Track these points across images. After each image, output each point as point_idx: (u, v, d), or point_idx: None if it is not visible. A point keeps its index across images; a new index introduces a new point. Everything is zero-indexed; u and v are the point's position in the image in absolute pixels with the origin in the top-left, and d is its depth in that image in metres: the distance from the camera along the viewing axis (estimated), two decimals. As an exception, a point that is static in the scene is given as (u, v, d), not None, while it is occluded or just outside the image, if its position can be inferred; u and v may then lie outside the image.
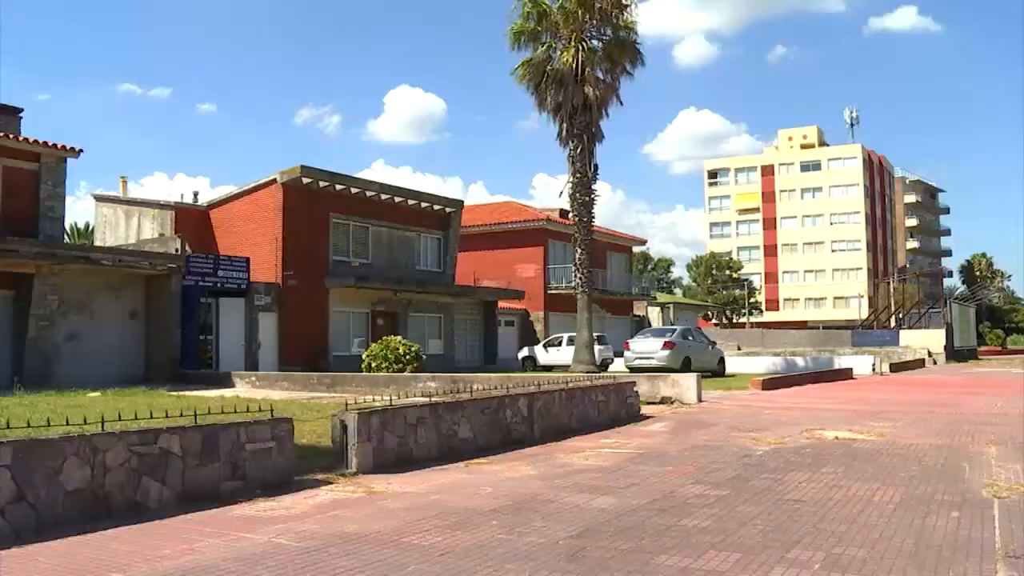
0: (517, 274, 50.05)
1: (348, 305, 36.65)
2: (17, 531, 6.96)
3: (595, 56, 32.77)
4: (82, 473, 7.54)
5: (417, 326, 39.56)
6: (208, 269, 30.46)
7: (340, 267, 36.23)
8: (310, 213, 34.92)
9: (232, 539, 6.97)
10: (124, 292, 28.77)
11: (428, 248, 42.20)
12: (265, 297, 32.65)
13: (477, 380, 19.45)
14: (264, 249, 33.87)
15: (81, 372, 24.75)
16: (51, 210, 27.35)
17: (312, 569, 6.04)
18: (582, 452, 12.38)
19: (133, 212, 39.53)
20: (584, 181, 32.57)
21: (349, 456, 10.18)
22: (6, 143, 26.38)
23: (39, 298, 25.21)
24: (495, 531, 7.18)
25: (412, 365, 27.33)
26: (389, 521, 7.61)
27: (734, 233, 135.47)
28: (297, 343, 33.34)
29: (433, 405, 11.80)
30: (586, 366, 30.66)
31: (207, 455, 8.57)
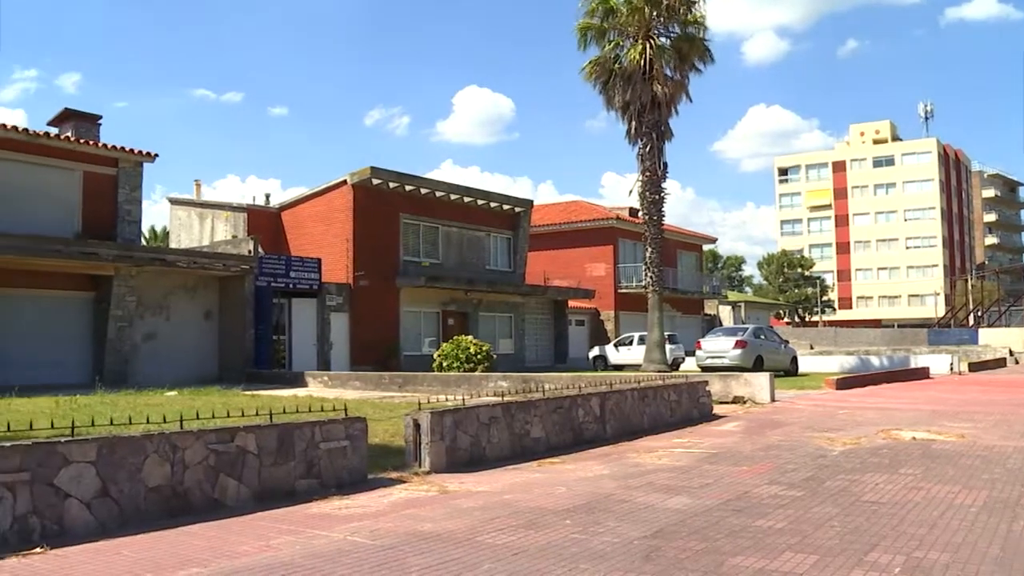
0: (587, 273, 49.93)
1: (419, 305, 36.86)
2: (102, 524, 7.15)
3: (663, 53, 32.56)
4: (162, 470, 7.68)
5: (487, 326, 39.66)
6: (280, 270, 30.84)
7: (411, 267, 36.44)
8: (380, 214, 35.17)
9: (308, 537, 7.03)
10: (199, 293, 29.27)
11: (498, 248, 42.28)
12: (337, 297, 32.96)
13: (548, 379, 19.43)
14: (335, 250, 34.20)
15: (158, 371, 25.22)
16: (129, 213, 27.91)
17: (387, 567, 6.07)
18: (655, 452, 12.30)
19: (207, 214, 40.22)
20: (654, 179, 32.39)
21: (422, 455, 10.22)
22: (86, 149, 27.00)
23: (118, 299, 25.75)
24: (569, 531, 7.15)
25: (483, 365, 27.39)
26: (463, 520, 7.62)
27: (805, 230, 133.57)
28: (368, 343, 33.60)
29: (505, 404, 11.80)
30: (657, 365, 30.51)
31: (282, 454, 8.67)
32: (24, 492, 6.75)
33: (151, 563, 6.22)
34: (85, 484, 7.13)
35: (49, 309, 25.63)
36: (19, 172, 25.50)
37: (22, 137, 25.72)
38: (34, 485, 6.81)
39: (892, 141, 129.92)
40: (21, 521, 6.71)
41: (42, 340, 25.09)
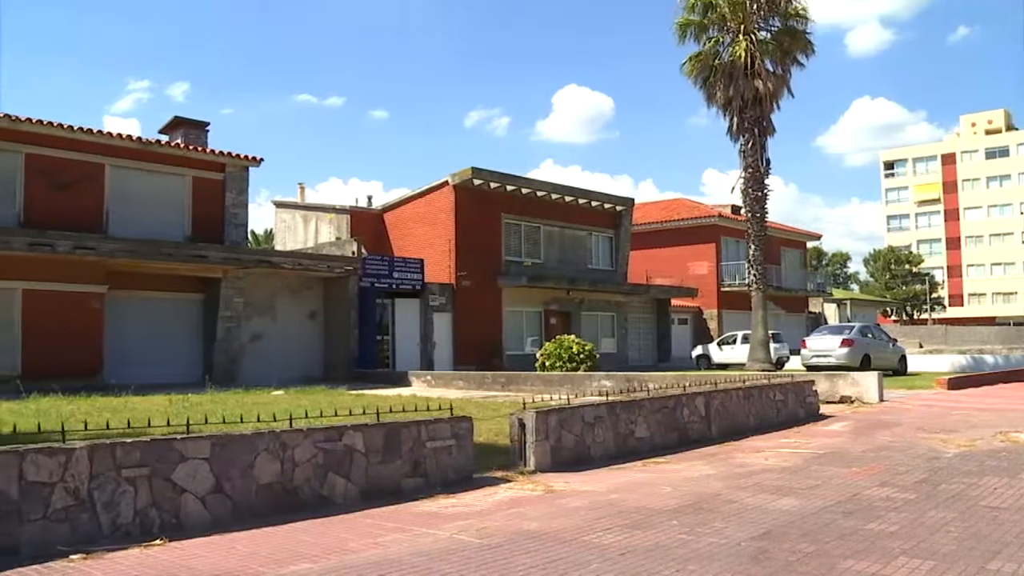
0: (690, 272, 49.51)
1: (521, 304, 36.95)
2: (216, 519, 7.36)
3: (765, 47, 32.14)
4: (273, 467, 7.86)
5: (590, 325, 39.58)
6: (384, 271, 31.22)
7: (513, 267, 36.55)
8: (482, 214, 35.35)
9: (415, 535, 7.10)
10: (304, 294, 29.81)
11: (600, 247, 42.15)
12: (439, 297, 33.23)
13: (652, 379, 19.32)
14: (437, 250, 34.48)
15: (264, 371, 25.75)
16: (236, 217, 28.56)
17: (494, 566, 6.10)
18: (761, 452, 12.14)
19: (311, 217, 40.94)
20: (756, 176, 31.97)
21: (527, 454, 10.25)
22: (195, 155, 27.74)
23: (226, 301, 26.37)
24: (675, 531, 7.10)
25: (586, 364, 27.34)
26: (569, 519, 7.62)
27: (913, 226, 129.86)
28: (471, 342, 33.80)
29: (610, 404, 11.77)
30: (761, 364, 30.11)
31: (389, 452, 8.78)
32: (144, 486, 7.00)
33: (264, 558, 6.36)
34: (200, 480, 7.35)
35: (161, 310, 26.38)
36: (134, 179, 26.31)
37: (136, 145, 26.54)
38: (153, 480, 7.06)
39: (1007, 131, 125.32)
40: (142, 514, 6.96)
41: (155, 340, 25.84)
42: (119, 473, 6.88)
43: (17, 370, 22.15)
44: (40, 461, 6.53)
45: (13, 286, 22.70)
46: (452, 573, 5.92)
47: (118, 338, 24.61)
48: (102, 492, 6.79)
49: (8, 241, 22.09)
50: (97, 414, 13.88)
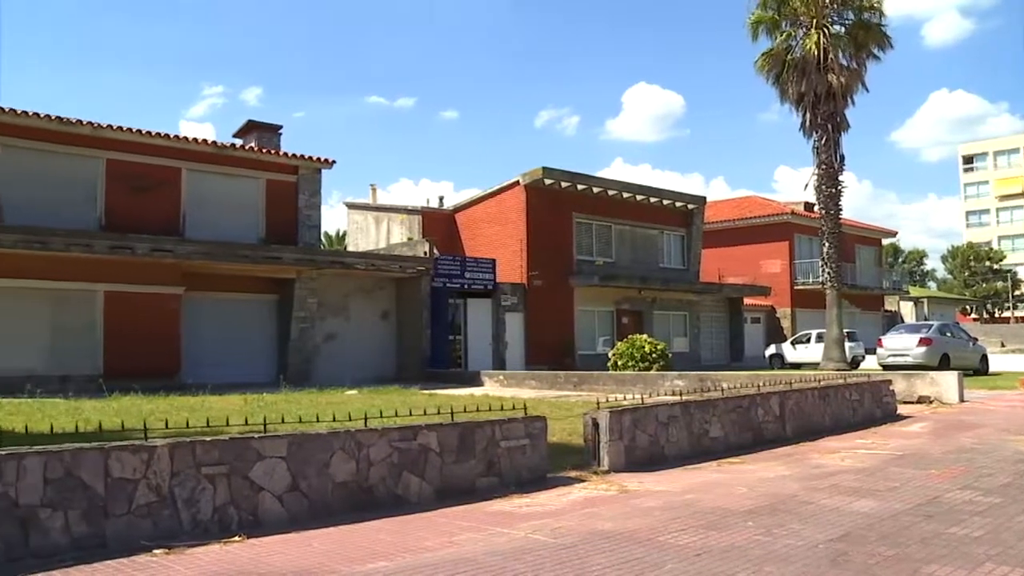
0: (762, 270, 49.01)
1: (593, 304, 36.87)
2: (293, 517, 7.47)
3: (838, 41, 31.68)
4: (348, 466, 7.94)
5: (662, 324, 39.38)
6: (455, 271, 31.35)
7: (584, 266, 36.47)
8: (553, 213, 35.34)
9: (490, 534, 7.12)
10: (376, 294, 30.05)
11: (671, 245, 41.90)
12: (511, 297, 33.28)
13: (725, 378, 19.15)
14: (509, 250, 34.54)
15: (338, 370, 26.01)
16: (309, 218, 28.90)
17: (569, 565, 6.09)
18: (837, 452, 11.97)
19: (382, 218, 41.28)
20: (830, 172, 31.52)
21: (601, 454, 10.23)
22: (269, 158, 28.12)
23: (300, 301, 26.69)
24: (752, 532, 7.03)
25: (658, 363, 27.20)
26: (643, 520, 7.59)
27: (994, 221, 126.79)
28: (543, 342, 33.81)
29: (684, 404, 11.70)
30: (836, 364, 29.68)
31: (463, 452, 8.82)
32: (223, 484, 7.13)
33: (340, 555, 6.42)
34: (277, 478, 7.46)
35: (236, 311, 26.79)
36: (209, 182, 26.76)
37: (211, 150, 27.00)
38: (231, 478, 7.19)
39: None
40: (221, 511, 7.09)
41: (230, 341, 26.25)
42: (199, 471, 7.01)
43: (99, 370, 22.69)
44: (124, 458, 6.69)
45: (95, 288, 23.24)
46: (527, 573, 5.92)
47: (194, 338, 25.04)
48: (182, 489, 6.93)
49: (90, 244, 22.60)
50: (176, 413, 14.13)
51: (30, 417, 13.55)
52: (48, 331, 22.77)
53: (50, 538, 6.33)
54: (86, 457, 6.54)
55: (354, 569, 6.04)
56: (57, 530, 6.36)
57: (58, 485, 6.39)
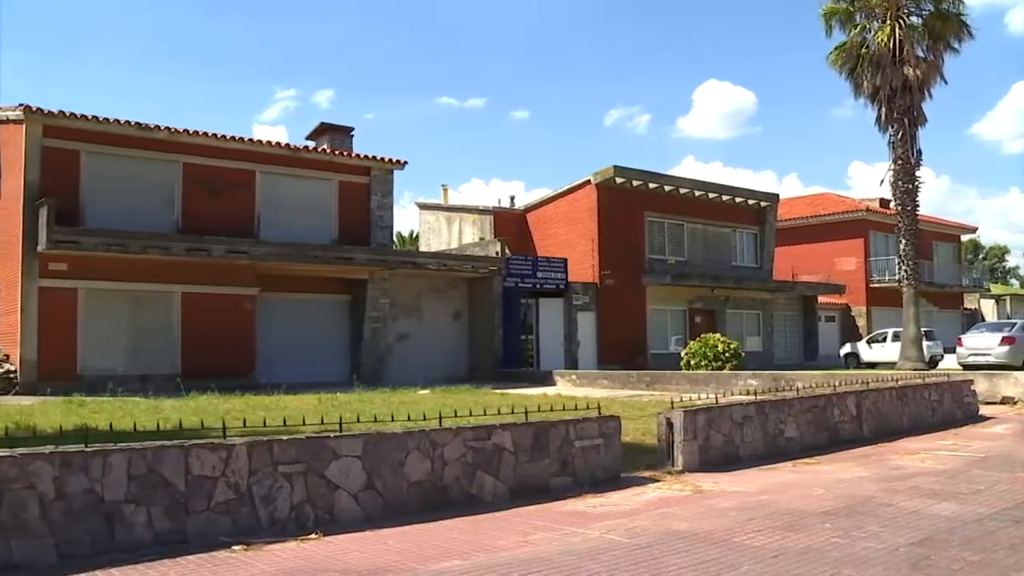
0: (836, 268, 48.25)
1: (665, 303, 36.65)
2: (368, 515, 7.54)
3: (914, 33, 31.12)
4: (423, 466, 8.00)
5: (735, 323, 39.00)
6: (527, 270, 31.35)
7: (656, 265, 36.26)
8: (624, 212, 35.18)
9: (564, 533, 7.11)
10: (448, 294, 30.16)
11: (744, 244, 41.47)
12: (583, 296, 33.20)
13: (799, 378, 18.91)
14: (580, 249, 34.46)
15: (410, 370, 26.13)
16: (381, 219, 29.08)
17: (644, 566, 6.06)
18: (916, 454, 11.75)
19: (454, 218, 41.43)
20: (906, 167, 30.97)
21: (675, 454, 10.17)
22: (341, 160, 28.37)
23: (372, 301, 26.89)
24: (829, 534, 6.93)
25: (731, 363, 26.96)
26: (719, 520, 7.52)
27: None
28: (615, 341, 33.68)
29: (759, 403, 11.59)
30: (914, 363, 29.15)
31: (537, 451, 8.83)
32: (299, 482, 7.22)
33: (415, 554, 6.46)
34: (352, 477, 7.54)
35: (310, 311, 27.06)
36: (283, 184, 27.07)
37: (285, 152, 27.31)
38: (308, 476, 7.28)
39: None
40: (297, 509, 7.19)
41: (304, 341, 26.54)
42: (276, 469, 7.11)
43: (177, 369, 23.12)
44: (204, 456, 6.81)
45: (173, 289, 23.68)
46: (601, 573, 5.90)
47: (269, 338, 25.37)
48: (260, 487, 7.03)
49: (168, 247, 23.03)
50: (252, 412, 14.32)
51: (112, 415, 13.85)
52: (128, 332, 23.24)
53: (134, 533, 6.47)
54: (168, 455, 6.67)
55: (429, 568, 6.07)
56: (141, 525, 6.50)
57: (141, 482, 6.53)
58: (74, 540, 6.25)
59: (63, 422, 12.23)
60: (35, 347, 21.67)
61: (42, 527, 6.14)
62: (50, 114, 22.80)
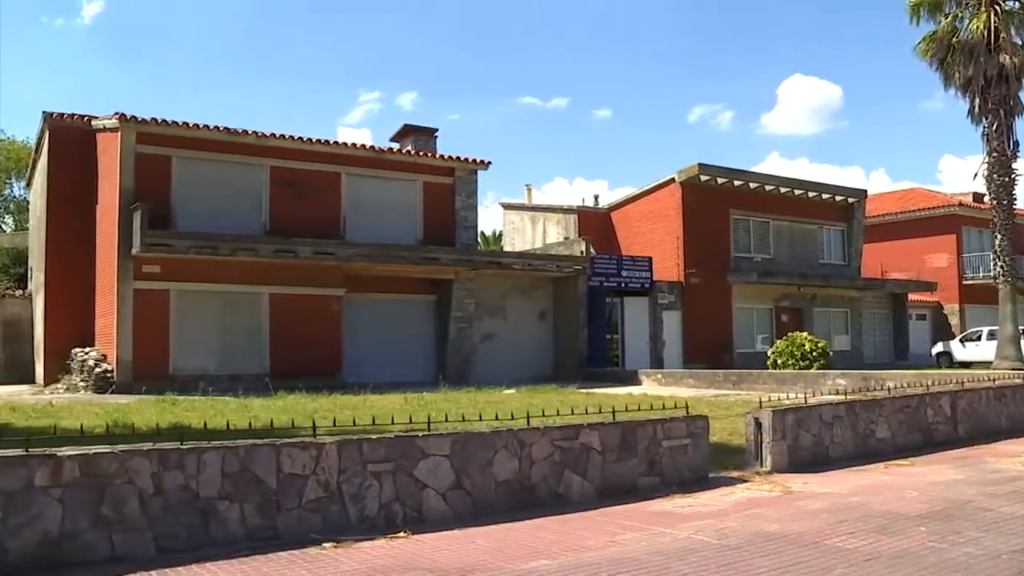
0: (927, 264, 47.19)
1: (751, 301, 36.23)
2: (456, 514, 7.59)
3: (1011, 19, 30.17)
4: (511, 465, 8.02)
5: (822, 321, 38.38)
6: (612, 269, 31.24)
7: (742, 263, 35.87)
8: (709, 210, 34.86)
9: (652, 534, 7.07)
10: (533, 294, 30.18)
11: (831, 241, 40.76)
12: (668, 295, 32.99)
13: (889, 377, 18.52)
14: (665, 248, 34.25)
15: (495, 370, 26.21)
16: (465, 220, 29.20)
17: (734, 567, 6.00)
18: (1018, 456, 11.42)
19: (538, 218, 41.46)
20: (1002, 160, 30.10)
21: (763, 454, 10.05)
22: (425, 161, 28.57)
23: (458, 302, 27.02)
24: (924, 538, 6.78)
25: (819, 362, 26.55)
26: (809, 522, 7.41)
27: None
28: (700, 340, 33.40)
29: (849, 403, 11.39)
30: (1011, 363, 28.33)
31: (625, 451, 8.79)
32: (388, 481, 7.30)
33: (503, 553, 6.48)
34: (441, 476, 7.59)
35: (395, 312, 27.28)
36: (368, 186, 27.34)
37: (370, 154, 27.60)
38: (397, 475, 7.36)
39: None
40: (386, 507, 7.27)
41: (389, 341, 26.76)
42: (365, 468, 7.20)
43: (266, 369, 23.49)
44: (295, 455, 6.92)
45: (261, 291, 24.07)
46: (691, 574, 5.86)
47: (355, 338, 25.64)
48: (350, 485, 7.12)
49: (256, 249, 23.43)
50: (340, 411, 14.48)
51: (204, 414, 14.16)
52: (218, 332, 23.68)
53: (228, 529, 6.61)
54: (259, 453, 6.80)
55: (517, 567, 6.08)
56: (234, 521, 6.64)
57: (234, 479, 6.67)
58: (171, 535, 6.41)
59: (158, 420, 12.57)
60: (130, 347, 22.21)
61: (142, 521, 6.33)
62: (143, 122, 23.38)
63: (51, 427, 10.00)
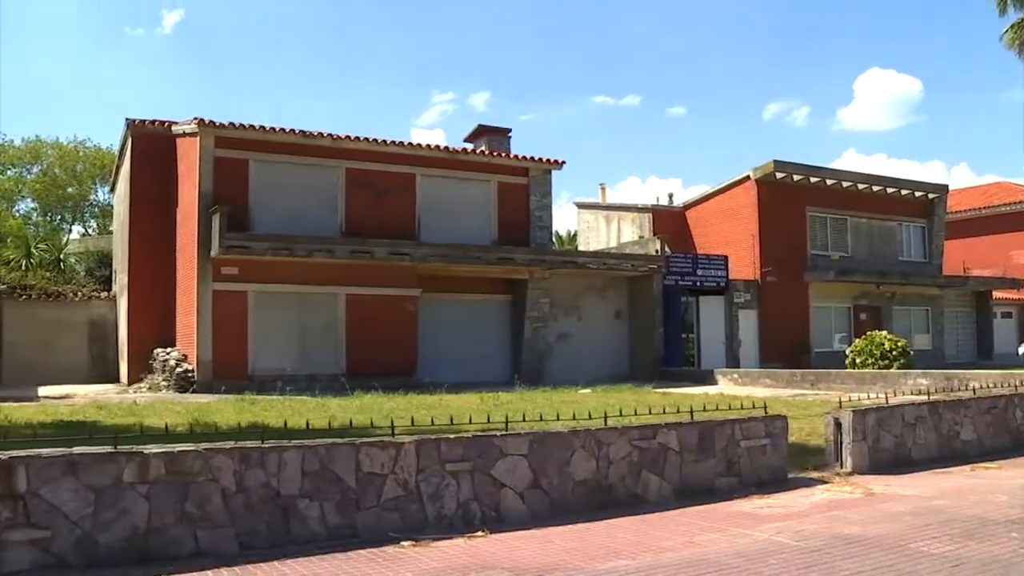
0: (1013, 261, 46.08)
1: (828, 300, 35.71)
2: (534, 513, 7.62)
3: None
4: (588, 465, 8.02)
5: (902, 320, 37.67)
6: (687, 268, 31.02)
7: (819, 261, 35.37)
8: (785, 208, 34.45)
9: (732, 535, 7.01)
10: (608, 293, 30.09)
11: (911, 237, 39.99)
12: (744, 294, 32.67)
13: (973, 377, 18.13)
14: (741, 246, 33.93)
15: (570, 370, 26.16)
16: (540, 219, 29.18)
17: (815, 570, 5.93)
18: (1111, 459, 11.11)
19: (612, 217, 41.31)
20: (1092, 155, 29.33)
21: (843, 455, 9.91)
22: (499, 161, 28.61)
23: (533, 301, 27.03)
24: (1015, 544, 6.62)
25: (899, 361, 26.05)
26: (892, 525, 7.28)
27: None
28: (777, 339, 33.02)
29: (932, 403, 11.17)
30: (1102, 362, 27.59)
31: (702, 451, 8.73)
32: (466, 480, 7.34)
33: (581, 553, 6.47)
34: (519, 475, 7.62)
35: (470, 312, 27.35)
36: (443, 187, 27.47)
37: (444, 155, 27.73)
38: (475, 475, 7.40)
39: None
40: (464, 506, 7.31)
41: (465, 341, 26.84)
42: (443, 467, 7.25)
43: (342, 369, 23.72)
44: (373, 454, 7.00)
45: (337, 291, 24.31)
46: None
47: (430, 338, 25.76)
48: (428, 484, 7.17)
49: (332, 250, 23.68)
50: (416, 411, 14.55)
51: (282, 413, 14.35)
52: (295, 332, 23.97)
53: (308, 526, 6.71)
54: (339, 452, 6.88)
55: (596, 567, 6.07)
56: (314, 519, 6.74)
57: (314, 477, 6.77)
58: (253, 531, 6.53)
59: (238, 419, 12.76)
60: (209, 348, 22.60)
61: (224, 518, 6.45)
62: (221, 126, 23.79)
63: (136, 425, 10.24)
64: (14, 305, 28.13)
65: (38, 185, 51.56)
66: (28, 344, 27.49)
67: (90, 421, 12.80)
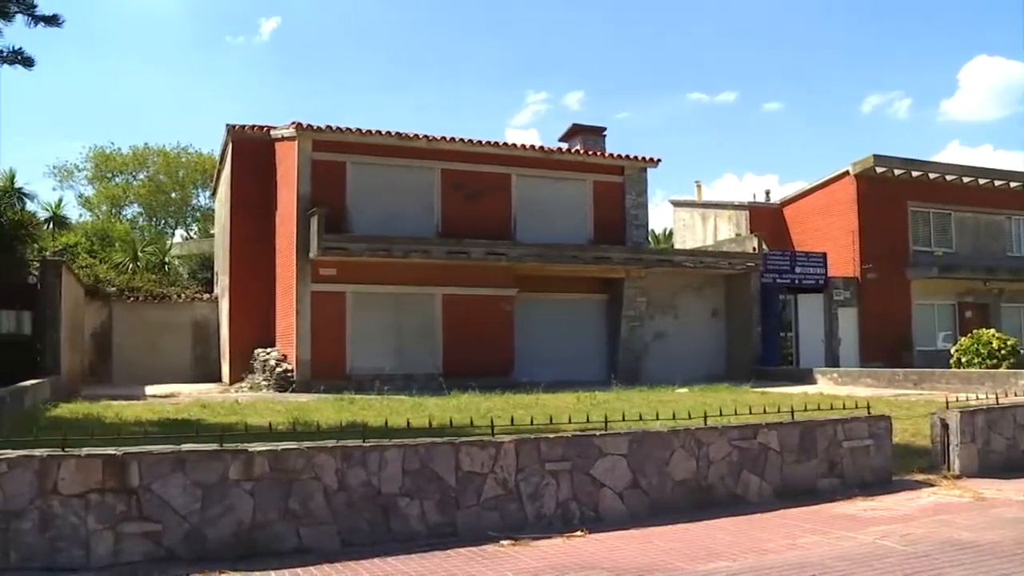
0: None
1: (931, 297, 34.84)
2: (633, 513, 7.60)
3: None
4: (688, 464, 7.96)
5: (1011, 318, 36.51)
6: (785, 266, 30.57)
7: (921, 257, 34.53)
8: (886, 203, 33.72)
9: (835, 537, 6.89)
10: (705, 292, 29.83)
11: (1020, 232, 38.74)
12: (843, 292, 32.08)
13: (1089, 376, 17.52)
14: (839, 243, 33.32)
15: (666, 369, 25.98)
16: (636, 218, 29.04)
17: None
18: None
19: (708, 214, 40.94)
20: None
21: (951, 457, 9.65)
22: (594, 160, 28.55)
23: (629, 300, 26.93)
24: None
25: (1008, 361, 25.25)
26: (1005, 531, 7.06)
27: None
28: (878, 338, 32.34)
29: (1048, 405, 10.81)
30: None
31: (804, 451, 8.60)
32: (565, 480, 7.35)
33: (681, 553, 6.43)
34: (618, 475, 7.60)
35: (566, 311, 27.35)
36: (537, 187, 27.50)
37: (539, 155, 27.77)
38: (574, 474, 7.41)
39: None
40: (563, 506, 7.33)
41: (561, 340, 26.85)
42: (543, 466, 7.27)
43: (439, 368, 23.92)
44: (473, 453, 7.05)
45: (434, 291, 24.53)
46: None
47: (526, 338, 25.82)
48: (527, 484, 7.20)
49: (429, 250, 23.90)
50: (513, 410, 14.60)
51: (380, 412, 14.52)
52: (393, 332, 24.24)
53: (408, 524, 6.79)
54: (439, 451, 6.95)
55: (697, 568, 6.02)
56: (414, 517, 6.82)
57: (414, 476, 6.84)
58: (355, 529, 6.63)
59: (338, 418, 12.95)
60: (308, 348, 22.99)
61: (327, 515, 6.57)
62: (319, 130, 24.18)
63: (239, 423, 10.46)
64: (123, 307, 29.07)
65: (143, 190, 53.15)
66: (136, 345, 28.40)
67: (195, 419, 13.12)
